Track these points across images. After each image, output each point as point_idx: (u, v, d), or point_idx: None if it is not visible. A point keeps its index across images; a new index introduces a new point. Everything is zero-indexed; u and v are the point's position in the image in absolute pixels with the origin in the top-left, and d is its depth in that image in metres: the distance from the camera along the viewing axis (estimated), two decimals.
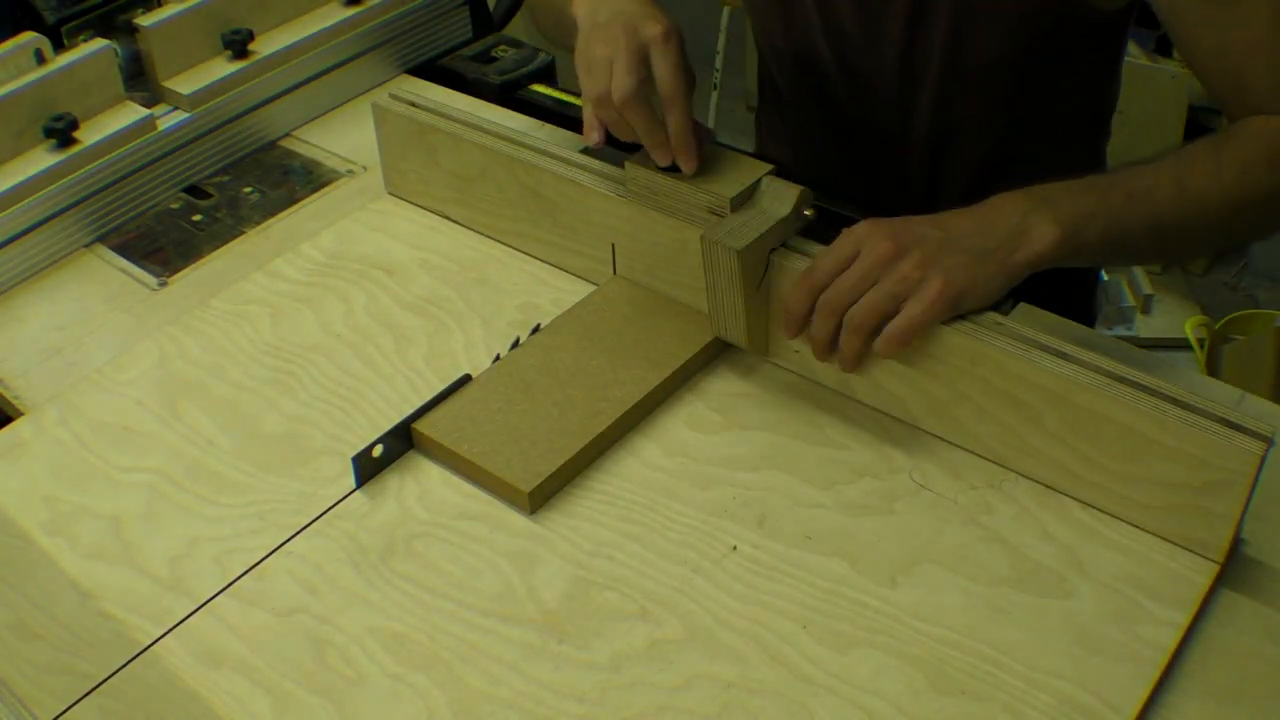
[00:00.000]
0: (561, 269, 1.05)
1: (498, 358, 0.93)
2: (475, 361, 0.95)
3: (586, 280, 1.03)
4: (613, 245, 0.99)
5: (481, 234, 1.09)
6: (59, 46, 1.16)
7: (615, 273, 1.00)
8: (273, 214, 1.15)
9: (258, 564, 0.81)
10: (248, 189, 1.19)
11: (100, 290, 1.07)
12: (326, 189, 1.18)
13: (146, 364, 0.98)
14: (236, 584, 0.80)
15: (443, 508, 0.84)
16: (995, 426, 0.82)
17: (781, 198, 0.89)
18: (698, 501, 0.83)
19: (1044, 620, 0.74)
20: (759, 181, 0.90)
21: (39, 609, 0.79)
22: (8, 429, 0.94)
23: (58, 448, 0.91)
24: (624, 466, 0.86)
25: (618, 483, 0.85)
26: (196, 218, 1.15)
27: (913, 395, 0.86)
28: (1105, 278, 2.17)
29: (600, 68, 0.90)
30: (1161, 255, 0.86)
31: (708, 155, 0.91)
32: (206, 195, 1.18)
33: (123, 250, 1.12)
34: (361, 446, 0.85)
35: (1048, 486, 0.82)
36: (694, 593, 0.77)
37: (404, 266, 1.06)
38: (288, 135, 1.26)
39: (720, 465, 0.85)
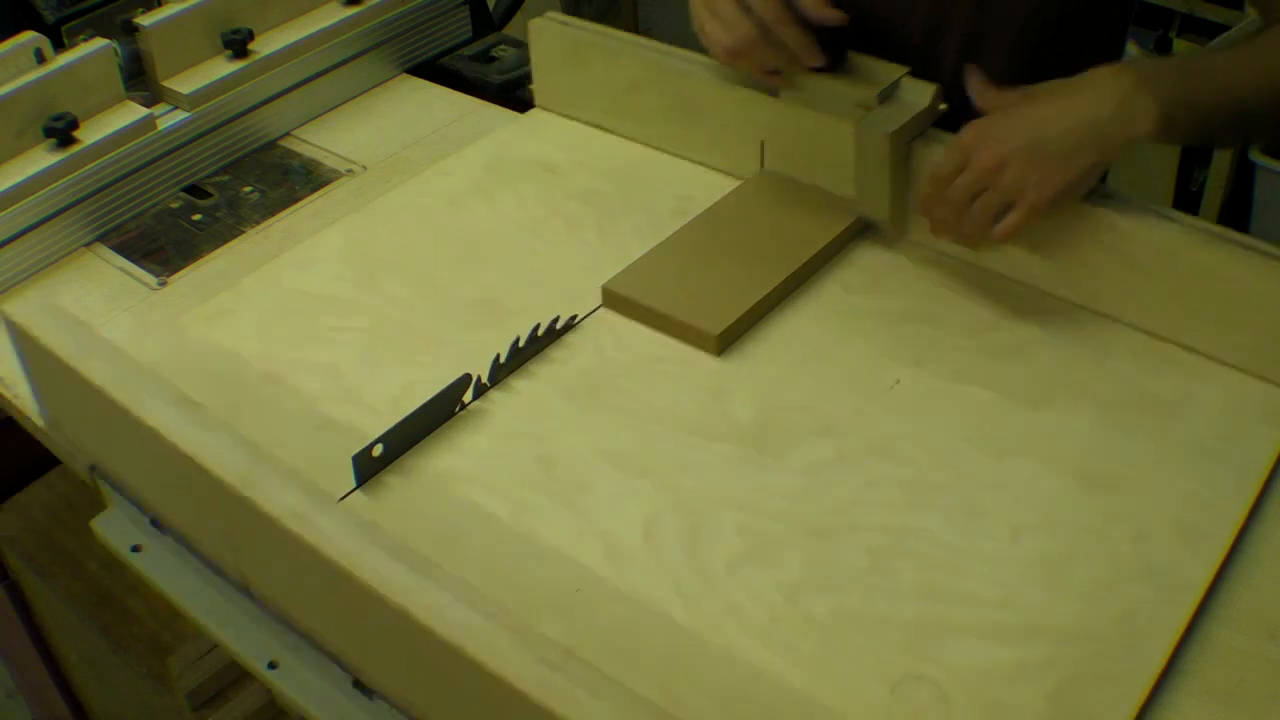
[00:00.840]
0: (712, 168, 1.15)
1: None
2: (644, 242, 1.04)
3: (736, 177, 1.13)
4: (761, 143, 1.09)
5: (633, 140, 1.19)
6: (59, 46, 1.16)
7: (763, 168, 1.10)
8: (273, 214, 1.15)
9: (474, 400, 0.91)
10: (248, 189, 1.19)
11: (100, 290, 1.07)
12: (326, 189, 1.18)
13: (337, 244, 1.08)
14: (458, 416, 0.90)
15: (637, 354, 0.95)
16: (1109, 283, 0.94)
17: (920, 93, 1.00)
18: (860, 346, 0.95)
19: (1164, 436, 0.85)
20: (899, 80, 1.00)
21: (274, 442, 0.84)
22: (211, 302, 1.03)
23: (264, 313, 1.01)
24: (791, 320, 0.98)
25: (788, 333, 0.96)
26: (196, 217, 1.15)
27: (1036, 260, 0.97)
28: None
29: (730, 14, 0.98)
30: (1239, 138, 0.96)
31: (851, 61, 1.02)
32: (206, 195, 1.18)
33: (123, 250, 1.12)
34: (550, 315, 0.96)
35: (1157, 336, 0.92)
36: (869, 416, 0.88)
37: (563, 166, 1.16)
38: (288, 135, 1.26)
39: (875, 318, 0.97)
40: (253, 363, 0.96)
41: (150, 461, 0.82)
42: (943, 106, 1.00)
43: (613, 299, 0.99)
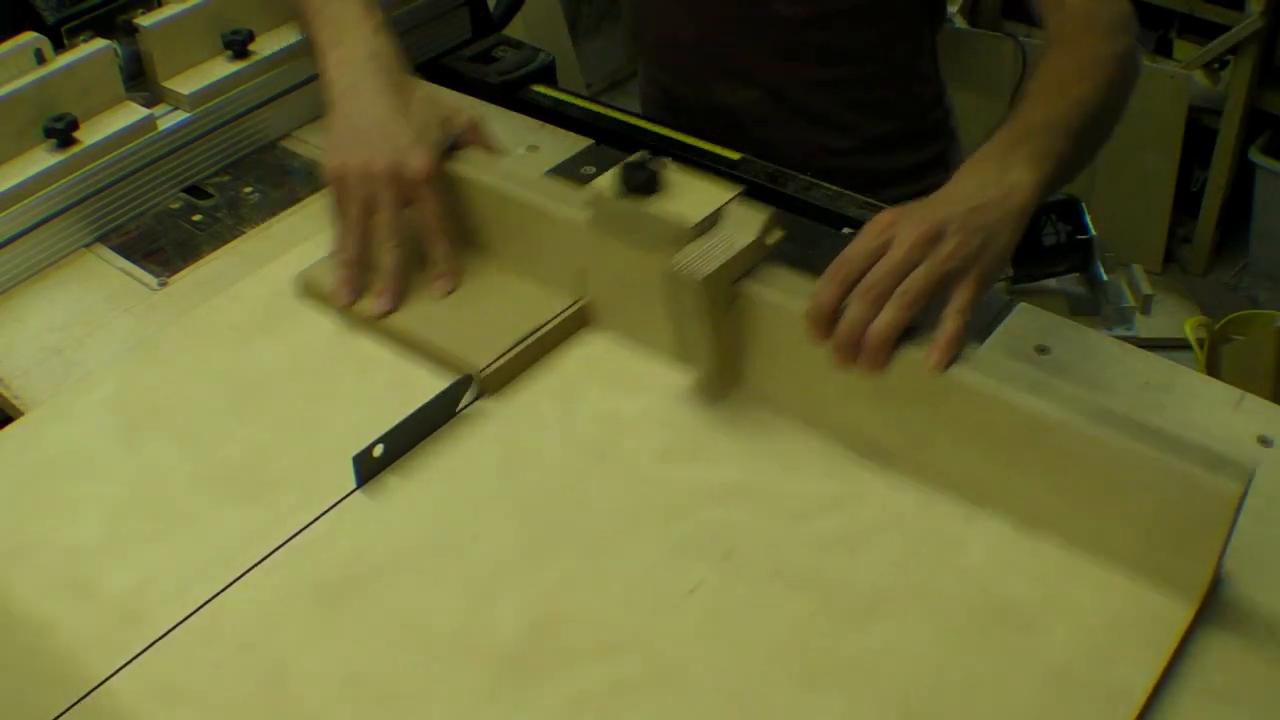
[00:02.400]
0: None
1: None
2: (440, 388, 0.90)
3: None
4: (585, 270, 0.96)
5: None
6: (59, 46, 1.16)
7: (584, 296, 0.97)
8: (273, 214, 1.15)
9: (213, 598, 0.79)
10: (248, 189, 1.19)
11: (100, 290, 1.07)
12: (327, 189, 1.18)
13: (107, 390, 0.95)
14: (191, 619, 0.78)
15: (399, 544, 0.82)
16: (969, 462, 0.80)
17: (745, 225, 0.86)
18: (660, 533, 0.80)
19: (1017, 659, 0.72)
20: (722, 207, 0.87)
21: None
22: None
23: (14, 476, 0.89)
24: (586, 479, 0.85)
25: (574, 514, 0.83)
26: (197, 218, 1.15)
27: (886, 429, 0.83)
28: (1105, 278, 2.17)
29: (357, 212, 0.95)
30: (1080, 167, 0.94)
31: (671, 179, 0.88)
32: (207, 195, 1.18)
33: (123, 250, 1.12)
34: (319, 477, 0.84)
35: (1022, 523, 0.79)
36: (658, 631, 0.75)
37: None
38: (288, 135, 1.26)
39: (687, 493, 0.83)
40: None
41: None
42: (774, 239, 0.87)
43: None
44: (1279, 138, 2.47)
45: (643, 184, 0.87)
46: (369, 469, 0.86)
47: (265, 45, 1.23)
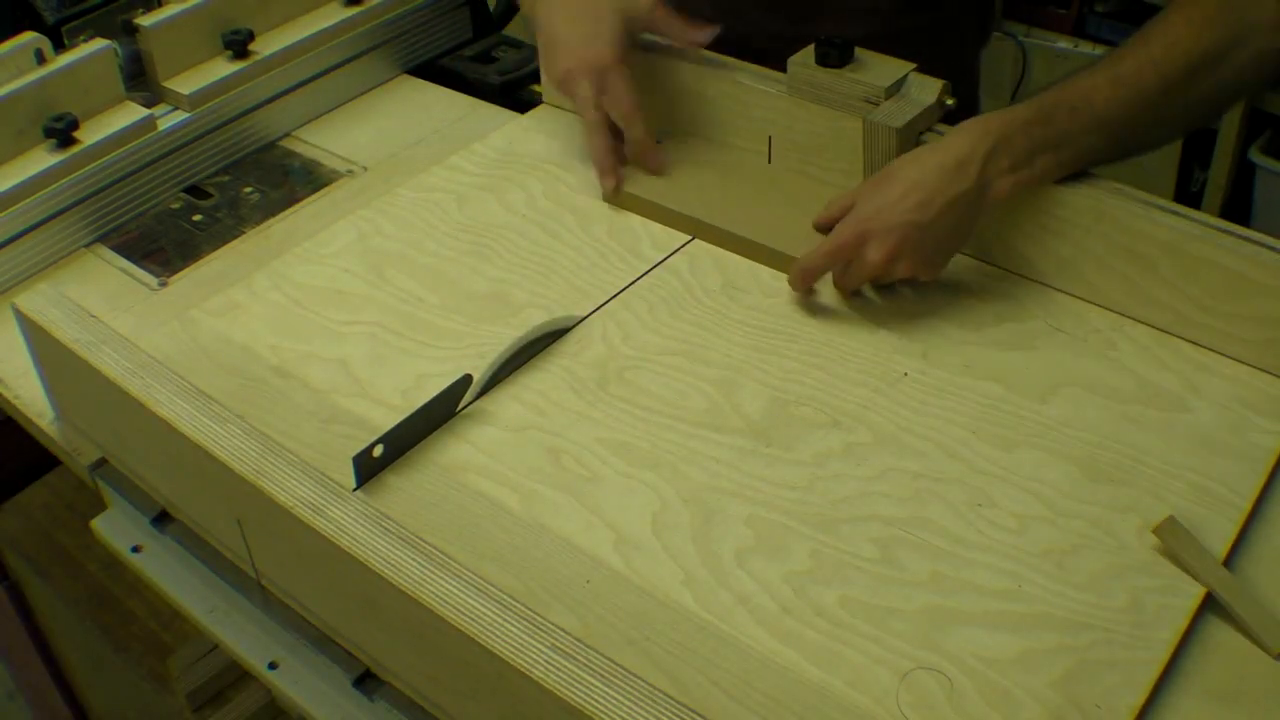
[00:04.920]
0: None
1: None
2: (653, 236, 1.07)
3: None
4: (769, 138, 1.10)
5: None
6: (59, 46, 1.16)
7: (770, 163, 1.12)
8: (273, 214, 1.15)
9: (485, 392, 0.91)
10: (248, 189, 1.19)
11: (100, 290, 1.07)
12: (327, 189, 1.18)
13: (347, 240, 1.08)
14: (468, 408, 0.90)
15: (645, 348, 0.95)
16: (1115, 277, 0.94)
17: (927, 89, 1.02)
18: (868, 340, 0.95)
19: (1171, 428, 0.86)
20: (906, 76, 1.02)
21: (285, 435, 0.87)
22: (221, 295, 1.03)
23: (275, 308, 1.01)
24: (798, 309, 0.99)
25: (795, 323, 0.97)
26: (197, 218, 1.15)
27: (1041, 254, 0.97)
28: None
29: (581, 104, 1.09)
30: (1121, 154, 0.95)
31: (859, 57, 1.04)
32: (207, 195, 1.18)
33: (123, 250, 1.11)
34: (562, 310, 0.97)
35: (1162, 330, 0.93)
36: (876, 409, 0.89)
37: (574, 162, 1.16)
38: (288, 135, 1.26)
39: (882, 312, 0.97)
40: (263, 356, 0.96)
41: (162, 454, 0.83)
42: (950, 101, 1.02)
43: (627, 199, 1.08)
44: (1279, 138, 2.47)
45: (838, 58, 1.03)
46: (369, 469, 0.85)
47: (265, 45, 1.23)
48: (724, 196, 1.08)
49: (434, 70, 1.36)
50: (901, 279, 0.96)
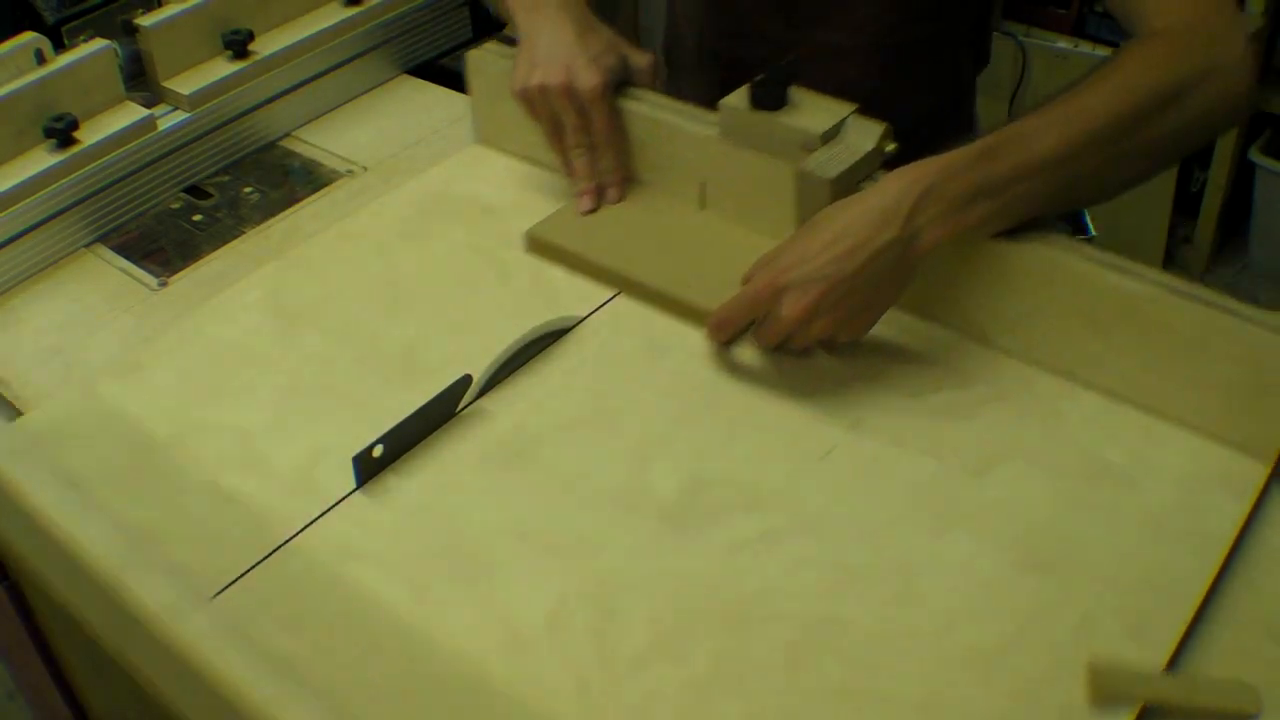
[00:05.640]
0: None
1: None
2: (575, 289, 1.01)
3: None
4: (702, 183, 1.05)
5: None
6: (59, 46, 1.16)
7: (703, 209, 1.07)
8: (273, 214, 1.15)
9: (385, 467, 0.86)
10: (248, 189, 1.19)
11: (100, 290, 1.07)
12: (326, 189, 1.18)
13: (261, 292, 1.03)
14: (364, 487, 0.85)
15: (559, 415, 0.90)
16: (1065, 340, 0.89)
17: (866, 133, 0.95)
18: (795, 407, 0.89)
19: (1117, 510, 0.80)
20: (845, 119, 0.96)
21: (176, 514, 0.83)
22: (127, 356, 0.98)
23: (180, 369, 0.97)
24: (719, 374, 0.93)
25: (718, 392, 0.91)
26: (197, 218, 1.15)
27: (988, 313, 0.92)
28: None
29: (547, 124, 1.06)
30: (1068, 201, 0.90)
31: (795, 98, 0.98)
32: (207, 195, 1.18)
33: (123, 250, 1.12)
34: (475, 369, 0.91)
35: (1114, 396, 0.88)
36: (799, 488, 0.83)
37: (500, 207, 1.12)
38: (288, 135, 1.26)
39: (812, 375, 0.92)
40: (161, 423, 0.91)
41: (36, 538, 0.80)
42: (891, 148, 0.96)
43: (535, 244, 1.03)
44: (1279, 138, 2.47)
45: (772, 99, 0.97)
46: (369, 469, 0.86)
47: (265, 45, 1.23)
48: (652, 247, 1.03)
49: (434, 70, 1.36)
50: (822, 339, 0.89)
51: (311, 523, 0.82)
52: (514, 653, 0.74)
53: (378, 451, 0.86)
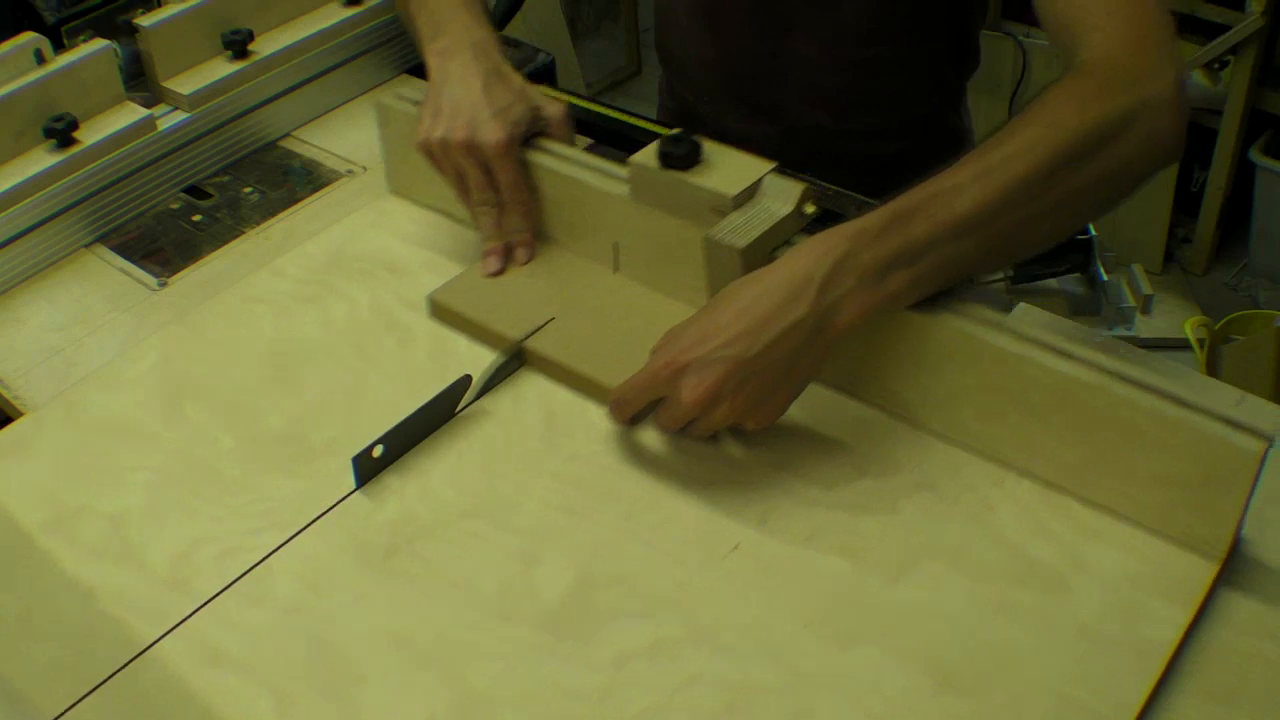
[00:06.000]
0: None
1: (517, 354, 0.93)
2: (477, 359, 0.94)
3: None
4: (615, 244, 0.99)
5: None
6: (59, 47, 1.16)
7: (616, 271, 1.00)
8: (273, 214, 1.15)
9: (259, 563, 0.81)
10: (248, 189, 1.19)
11: (100, 290, 1.07)
12: (326, 189, 1.18)
13: (150, 362, 0.98)
14: (237, 583, 0.79)
15: (445, 506, 0.84)
16: (997, 425, 0.82)
17: (784, 195, 0.89)
18: (699, 499, 0.83)
19: (1046, 618, 0.74)
20: (761, 179, 0.90)
21: (41, 608, 0.79)
22: (10, 428, 0.94)
23: (60, 447, 0.91)
24: (625, 456, 0.87)
25: (614, 485, 0.84)
26: (196, 218, 1.15)
27: (915, 394, 0.85)
28: (1105, 278, 2.17)
29: (452, 179, 1.01)
30: (997, 259, 0.82)
31: (712, 152, 0.92)
32: (207, 195, 1.18)
33: (123, 250, 1.12)
34: (362, 445, 0.85)
35: (1050, 485, 0.81)
36: (696, 592, 0.76)
37: (407, 265, 1.06)
38: (288, 135, 1.26)
39: (722, 461, 0.85)
40: (35, 508, 0.86)
41: None
42: (810, 210, 0.89)
43: (439, 310, 0.97)
44: (1279, 138, 2.47)
45: (683, 157, 0.90)
46: (369, 469, 0.86)
47: (265, 45, 1.23)
48: (558, 315, 0.96)
49: None
50: (727, 425, 0.82)
51: (177, 626, 0.76)
52: None
53: (377, 451, 0.86)
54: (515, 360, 0.94)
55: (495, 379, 0.93)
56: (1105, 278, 2.25)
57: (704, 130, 1.24)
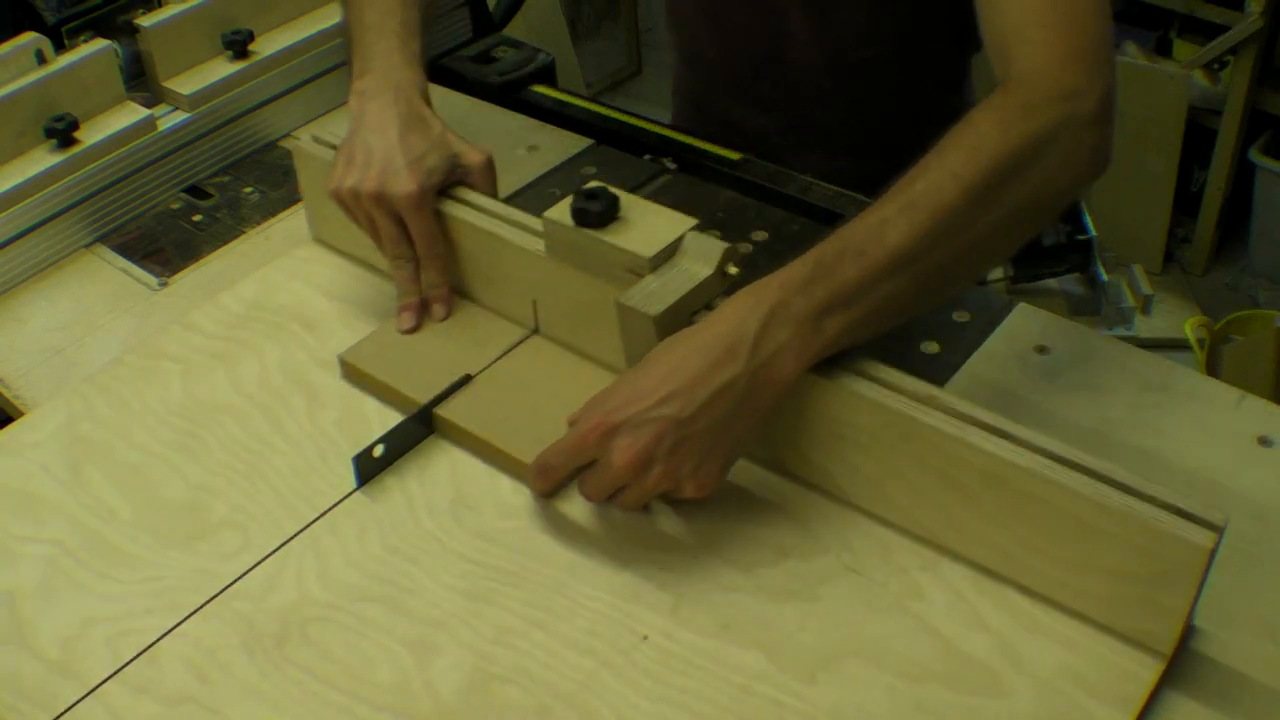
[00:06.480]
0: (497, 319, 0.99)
1: (427, 408, 0.89)
2: (387, 423, 0.89)
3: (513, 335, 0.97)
4: (534, 301, 0.95)
5: None
6: (59, 47, 1.17)
7: (537, 329, 0.96)
8: (273, 214, 1.15)
9: (150, 647, 0.77)
10: (248, 189, 1.19)
11: (100, 290, 1.07)
12: None
13: (55, 423, 0.93)
14: (127, 669, 0.75)
15: (342, 589, 0.79)
16: (929, 506, 0.77)
17: (703, 256, 0.84)
18: (609, 585, 0.78)
19: None
20: (681, 239, 0.85)
21: None
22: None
23: None
24: (535, 535, 0.82)
25: (528, 556, 0.81)
26: (197, 218, 1.15)
27: (843, 470, 0.81)
28: (1105, 278, 2.17)
29: (366, 229, 0.97)
30: (933, 295, 0.80)
31: (630, 207, 0.87)
32: (207, 195, 1.19)
33: (123, 250, 1.12)
34: (263, 517, 0.83)
35: (985, 571, 0.77)
36: (599, 690, 0.72)
37: (323, 319, 1.01)
38: (288, 135, 1.26)
39: (636, 542, 0.80)
40: None
41: None
42: (733, 270, 0.84)
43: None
44: (1279, 138, 2.47)
45: (598, 214, 0.85)
46: (369, 469, 0.86)
47: (265, 45, 1.23)
48: (475, 379, 0.91)
49: (434, 70, 1.35)
50: (661, 493, 0.78)
51: (63, 714, 0.73)
52: None
53: (378, 451, 0.86)
54: (422, 426, 0.89)
55: (403, 446, 0.88)
56: (1105, 278, 2.25)
57: (713, 121, 1.21)
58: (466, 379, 0.90)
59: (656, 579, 0.78)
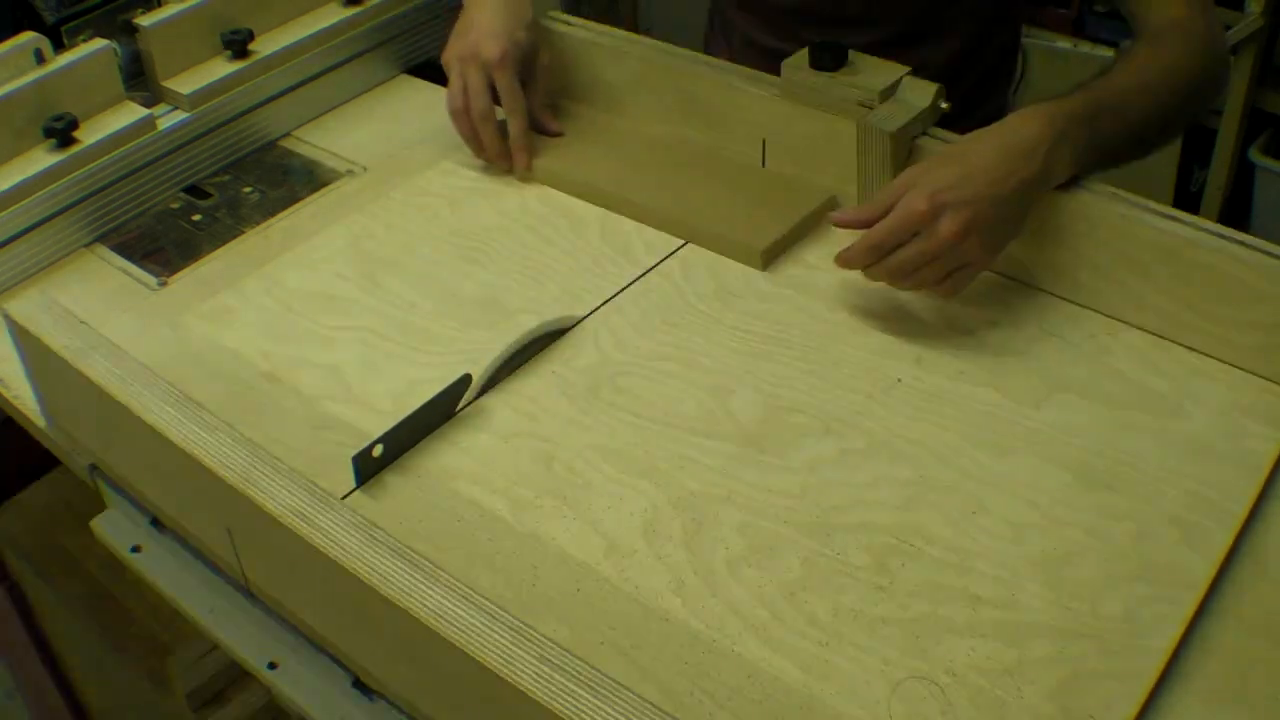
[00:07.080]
0: None
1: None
2: (647, 242, 1.07)
3: None
4: (763, 141, 1.11)
5: None
6: (59, 46, 1.16)
7: (764, 166, 1.12)
8: (273, 214, 1.15)
9: (475, 399, 0.92)
10: (248, 189, 1.19)
11: (100, 290, 1.07)
12: (326, 189, 1.18)
13: (339, 244, 1.09)
14: (460, 413, 0.91)
15: (638, 352, 0.95)
16: (1109, 282, 0.95)
17: (921, 92, 1.01)
18: (861, 345, 0.95)
19: (1166, 435, 0.86)
20: (900, 79, 1.02)
21: (275, 441, 0.86)
22: (213, 300, 1.03)
23: (266, 313, 1.02)
24: (792, 314, 0.99)
25: (784, 324, 0.98)
26: (196, 218, 1.15)
27: (1035, 259, 0.98)
28: None
29: (455, 89, 1.13)
30: (1131, 156, 1.00)
31: (852, 60, 1.05)
32: (206, 195, 1.18)
33: (123, 250, 1.12)
34: (552, 316, 0.97)
35: (1157, 335, 0.93)
36: (870, 415, 0.89)
37: None
38: (288, 135, 1.26)
39: (872, 317, 0.97)
40: (254, 362, 0.97)
41: (151, 461, 0.83)
42: (945, 105, 1.02)
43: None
44: (1279, 138, 2.47)
45: (832, 60, 1.04)
46: (368, 469, 0.86)
47: (265, 45, 1.23)
48: (713, 201, 1.09)
49: (434, 70, 1.35)
50: (962, 265, 0.92)
51: (411, 446, 0.88)
52: (614, 559, 0.80)
53: (377, 451, 0.86)
54: (517, 358, 0.94)
55: (498, 376, 0.93)
56: None
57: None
58: (466, 379, 0.90)
59: (898, 342, 0.95)
